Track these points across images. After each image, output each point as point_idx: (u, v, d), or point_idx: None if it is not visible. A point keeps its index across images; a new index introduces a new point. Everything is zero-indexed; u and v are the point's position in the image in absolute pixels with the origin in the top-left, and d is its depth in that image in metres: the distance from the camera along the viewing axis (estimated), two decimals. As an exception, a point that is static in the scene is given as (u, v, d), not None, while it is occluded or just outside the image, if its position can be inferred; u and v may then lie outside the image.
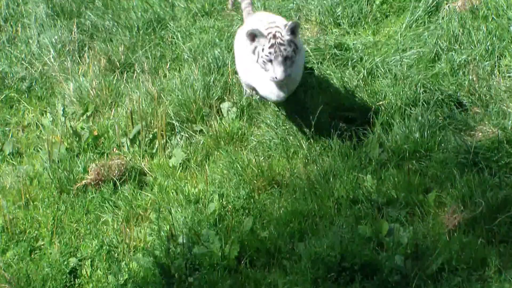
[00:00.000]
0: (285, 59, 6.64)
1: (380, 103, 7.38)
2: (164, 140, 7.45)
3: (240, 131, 7.42)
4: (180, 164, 7.23)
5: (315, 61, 8.05)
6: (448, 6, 8.29)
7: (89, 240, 6.54)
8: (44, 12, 9.40)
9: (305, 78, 7.45)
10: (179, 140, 7.51)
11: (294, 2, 8.90)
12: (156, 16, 9.10)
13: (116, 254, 6.41)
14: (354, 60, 7.99)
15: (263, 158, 7.08)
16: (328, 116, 7.31)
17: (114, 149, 7.49)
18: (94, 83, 8.18)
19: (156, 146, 7.45)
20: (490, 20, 8.03)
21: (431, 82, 7.53)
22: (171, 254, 6.14)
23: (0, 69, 8.73)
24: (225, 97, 7.81)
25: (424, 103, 7.29)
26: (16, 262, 6.41)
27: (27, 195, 7.05)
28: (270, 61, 6.65)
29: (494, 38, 7.79)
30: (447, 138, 6.97)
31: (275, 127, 7.35)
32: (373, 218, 6.38)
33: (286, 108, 7.41)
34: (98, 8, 9.45)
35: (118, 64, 8.54)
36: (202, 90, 7.75)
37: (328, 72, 7.89)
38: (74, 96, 8.14)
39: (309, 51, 8.05)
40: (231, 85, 7.88)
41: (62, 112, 8.02)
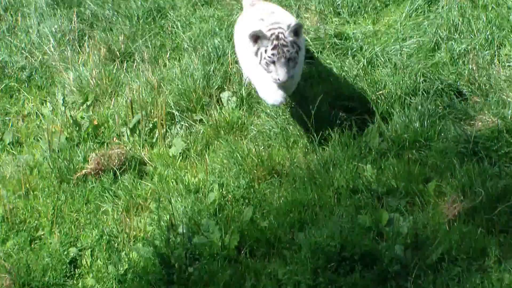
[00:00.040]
0: (288, 61, 6.56)
1: (380, 92, 7.36)
2: (164, 130, 7.43)
3: (240, 121, 7.40)
4: (180, 153, 7.21)
5: (314, 50, 7.99)
6: (448, -5, 8.25)
7: (89, 230, 6.53)
8: (44, 1, 9.35)
9: (304, 67, 7.39)
10: (179, 129, 7.49)
11: (294, -9, 8.85)
12: (156, 5, 9.05)
13: (116, 244, 6.39)
14: (354, 49, 7.98)
15: (263, 147, 7.05)
16: (328, 105, 7.29)
17: (114, 138, 7.48)
18: (94, 72, 8.15)
19: (156, 136, 7.44)
20: (490, 9, 8.02)
21: (431, 71, 7.51)
22: (171, 244, 6.14)
23: (0, 58, 8.69)
24: (225, 86, 7.79)
25: (424, 92, 7.28)
26: (16, 252, 6.39)
27: (27, 185, 7.02)
28: (273, 62, 6.55)
29: (494, 27, 7.79)
30: (447, 128, 6.97)
31: (275, 116, 7.31)
32: (373, 208, 6.36)
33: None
34: (98, -3, 9.41)
35: (118, 54, 8.51)
36: (202, 80, 7.73)
37: (328, 61, 7.88)
38: (74, 85, 8.12)
39: (308, 40, 8.01)
40: (231, 74, 7.86)
41: (62, 102, 7.99)
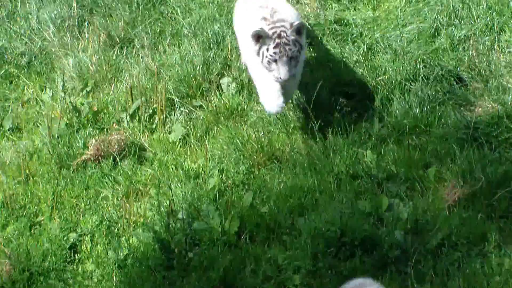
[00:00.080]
0: (290, 59, 6.51)
1: (380, 78, 7.33)
2: (164, 116, 7.40)
3: (240, 107, 7.36)
4: (180, 139, 7.19)
5: (315, 36, 7.94)
6: (448, -19, 8.18)
7: (89, 216, 6.51)
8: (43, -13, 9.28)
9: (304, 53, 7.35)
10: (178, 115, 7.45)
11: (294, -23, 8.78)
12: (155, -9, 8.98)
13: (116, 230, 6.39)
14: (354, 35, 7.92)
15: (263, 133, 7.01)
16: (327, 91, 7.26)
17: (114, 124, 7.44)
18: (93, 58, 8.11)
19: (155, 122, 7.41)
20: (490, -5, 7.95)
21: (431, 57, 7.48)
22: (171, 230, 6.13)
23: (0, 44, 8.61)
24: (224, 72, 7.74)
25: (424, 78, 7.26)
26: (16, 237, 6.38)
27: (27, 171, 7.00)
28: (275, 61, 6.50)
29: (494, 13, 7.74)
30: (447, 114, 6.98)
31: (275, 102, 7.26)
32: (373, 193, 6.36)
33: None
34: (98, -17, 9.33)
35: (117, 40, 8.44)
36: (201, 66, 7.69)
37: (328, 47, 7.83)
38: (74, 71, 8.07)
39: (309, 26, 7.95)
40: (231, 60, 7.80)
41: (61, 88, 7.93)
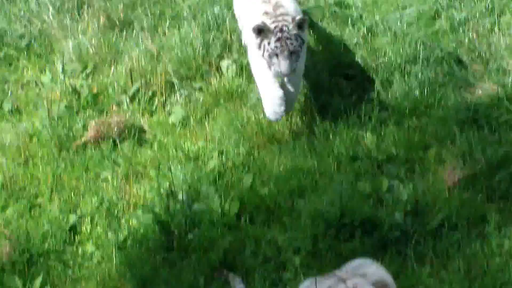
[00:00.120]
0: (291, 54, 6.43)
1: (380, 60, 7.31)
2: (164, 98, 7.35)
3: (239, 89, 7.29)
4: (179, 121, 7.13)
5: (314, 19, 7.88)
6: (449, -38, 8.13)
7: (88, 197, 6.45)
8: (42, -31, 9.20)
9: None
10: (178, 97, 7.39)
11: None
12: (155, -26, 8.91)
13: (116, 211, 6.32)
14: (354, 17, 7.88)
15: (262, 115, 6.94)
16: (327, 73, 7.23)
17: (114, 106, 7.38)
18: (93, 41, 8.05)
19: (155, 104, 7.35)
20: (491, -23, 7.90)
21: (431, 39, 7.45)
22: (171, 211, 6.08)
23: (-1, 26, 8.58)
24: (224, 54, 7.69)
25: (424, 60, 7.21)
26: (16, 219, 6.30)
27: (27, 153, 6.93)
28: (276, 55, 6.43)
29: (494, -5, 7.68)
30: (447, 95, 6.95)
31: (275, 84, 7.21)
32: (372, 175, 6.32)
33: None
34: (97, -35, 9.26)
35: (117, 22, 8.39)
36: (201, 48, 7.64)
37: (327, 30, 7.79)
38: (73, 54, 8.01)
39: (308, 9, 7.91)
40: (231, 43, 7.75)
41: (61, 70, 7.86)
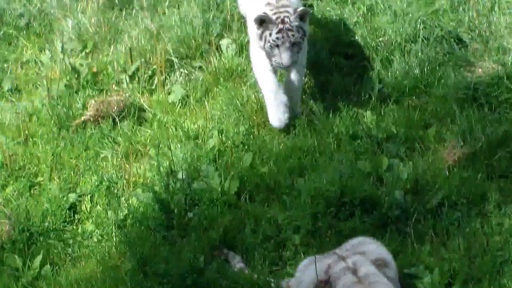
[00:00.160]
0: (292, 45, 6.36)
1: (380, 39, 7.27)
2: (163, 77, 7.30)
3: (239, 68, 7.25)
4: (179, 100, 7.10)
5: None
6: None
7: (88, 176, 6.40)
8: None
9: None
10: (178, 76, 7.36)
11: None
12: (155, -49, 8.83)
13: (116, 190, 6.28)
14: (354, -4, 7.82)
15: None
16: (327, 52, 7.21)
17: (113, 85, 7.35)
18: (92, 20, 8.03)
19: (155, 83, 7.31)
20: (491, -46, 7.82)
21: (431, 18, 7.40)
22: (171, 190, 6.03)
23: (-2, 6, 8.53)
24: (224, 34, 7.65)
25: (424, 39, 7.19)
26: (16, 197, 6.26)
27: (26, 132, 6.90)
28: (277, 46, 6.36)
29: (494, -26, 7.62)
30: (447, 74, 6.93)
31: (275, 63, 7.16)
32: (372, 154, 6.27)
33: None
34: None
35: (116, 1, 8.39)
36: (201, 27, 7.61)
37: (327, 8, 7.74)
38: (73, 33, 7.99)
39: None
40: (231, 22, 7.70)
41: (60, 49, 7.84)
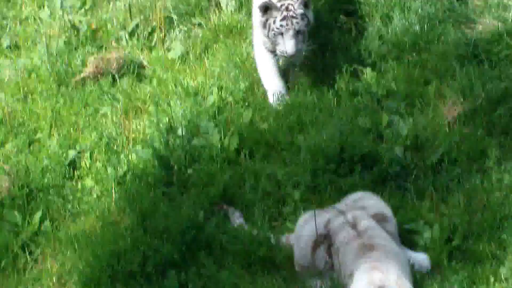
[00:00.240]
0: (297, 33, 6.24)
1: (380, -5, 7.18)
2: (163, 34, 7.22)
3: (239, 24, 7.15)
4: (179, 57, 7.02)
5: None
6: None
7: (88, 133, 6.35)
8: None
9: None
10: (177, 33, 7.25)
11: None
12: None
13: (115, 146, 6.23)
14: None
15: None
16: (327, 8, 7.09)
17: (113, 42, 7.26)
18: (91, -24, 7.83)
19: (154, 40, 7.23)
20: None
21: (431, -26, 7.24)
22: (170, 146, 5.99)
23: (-3, -37, 8.34)
24: (223, -10, 7.48)
25: (424, -5, 7.12)
26: (15, 154, 6.20)
27: (26, 88, 6.82)
28: (281, 34, 6.24)
29: None
30: (447, 31, 6.86)
31: (274, 20, 7.04)
32: (372, 110, 6.22)
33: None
34: None
35: (115, -43, 8.16)
36: (200, -17, 7.45)
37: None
38: (72, -11, 7.79)
39: None
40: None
41: (60, 6, 7.70)
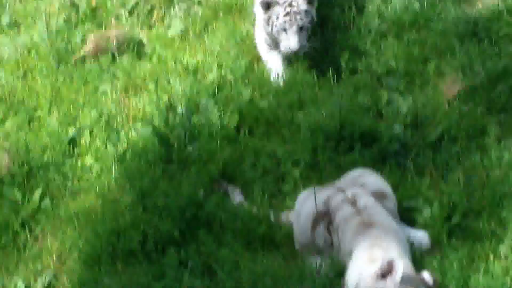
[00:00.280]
0: (300, 29, 6.18)
1: (379, -27, 7.06)
2: (163, 11, 7.16)
3: (238, 2, 7.09)
4: (178, 34, 6.95)
5: None
6: None
7: (87, 110, 6.29)
8: None
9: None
10: (177, 11, 7.17)
11: None
12: None
13: (115, 124, 6.18)
14: None
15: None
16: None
17: (112, 20, 7.18)
18: (91, -47, 7.72)
19: (154, 17, 7.16)
20: None
21: (431, -49, 7.15)
22: (170, 124, 5.95)
23: None
24: (224, -33, 7.40)
25: (423, -27, 7.03)
26: (15, 131, 6.15)
27: (25, 66, 6.76)
28: (285, 30, 6.18)
29: None
30: (447, 8, 6.80)
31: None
32: (372, 88, 6.17)
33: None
34: None
35: None
36: (200, -40, 7.38)
37: None
38: (72, -34, 7.69)
39: None
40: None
41: (59, -17, 7.58)
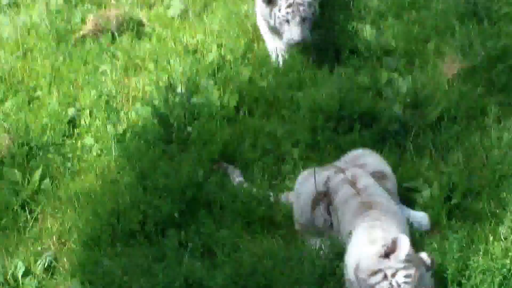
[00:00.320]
0: (303, 20, 6.09)
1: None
2: None
3: (238, -18, 7.04)
4: (178, 14, 6.92)
5: None
6: None
7: (87, 90, 6.23)
8: None
9: None
10: (177, -9, 7.07)
11: None
12: None
13: (115, 104, 6.13)
14: None
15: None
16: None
17: (112, 0, 7.12)
18: None
19: None
20: None
21: None
22: (170, 104, 5.88)
23: None
24: None
25: (423, -46, 6.91)
26: (15, 112, 6.09)
27: (25, 46, 6.72)
28: (287, 21, 6.09)
29: None
30: None
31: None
32: (372, 68, 6.12)
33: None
34: None
35: None
36: None
37: None
38: None
39: None
40: None
41: (59, -38, 7.48)
